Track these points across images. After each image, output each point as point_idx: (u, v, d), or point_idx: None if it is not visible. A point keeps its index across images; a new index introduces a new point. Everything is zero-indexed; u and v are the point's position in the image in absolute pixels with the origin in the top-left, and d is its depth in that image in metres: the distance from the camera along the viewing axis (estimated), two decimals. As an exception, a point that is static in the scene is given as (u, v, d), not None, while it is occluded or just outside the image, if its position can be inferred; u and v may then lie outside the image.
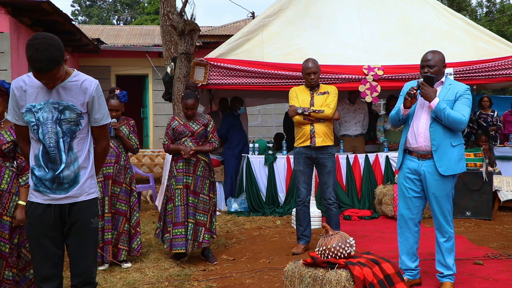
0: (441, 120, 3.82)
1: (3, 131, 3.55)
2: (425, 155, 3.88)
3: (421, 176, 3.91)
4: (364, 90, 7.35)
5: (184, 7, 7.55)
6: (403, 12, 8.19)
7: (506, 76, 7.51)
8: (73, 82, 2.69)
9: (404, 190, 3.99)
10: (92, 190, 2.78)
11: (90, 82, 2.73)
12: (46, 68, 2.50)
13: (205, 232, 4.94)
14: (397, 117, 3.99)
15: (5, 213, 3.52)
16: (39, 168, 2.67)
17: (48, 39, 2.52)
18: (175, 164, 5.00)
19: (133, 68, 13.59)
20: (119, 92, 4.93)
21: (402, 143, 4.01)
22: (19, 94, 2.67)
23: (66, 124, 2.66)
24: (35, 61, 2.48)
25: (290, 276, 3.52)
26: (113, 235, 4.79)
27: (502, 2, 19.71)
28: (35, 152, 2.68)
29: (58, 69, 2.55)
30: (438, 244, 3.94)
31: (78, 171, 2.70)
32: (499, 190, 7.34)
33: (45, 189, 2.67)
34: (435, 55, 3.92)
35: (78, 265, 2.75)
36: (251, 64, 7.41)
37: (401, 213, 4.03)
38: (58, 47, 2.54)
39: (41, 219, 2.68)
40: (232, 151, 7.89)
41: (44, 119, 2.63)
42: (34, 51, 2.48)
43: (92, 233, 2.77)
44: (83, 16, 36.26)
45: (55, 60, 2.51)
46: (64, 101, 2.66)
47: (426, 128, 3.86)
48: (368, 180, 7.53)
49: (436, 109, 3.78)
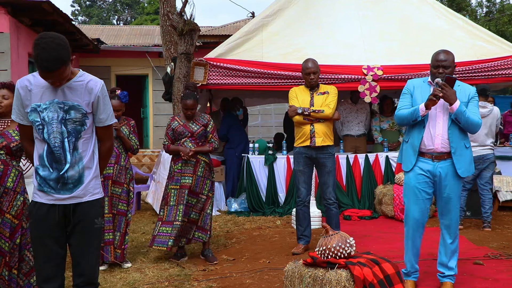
0: (459, 123, 3.77)
1: (11, 130, 3.59)
2: (440, 156, 3.82)
3: (435, 178, 3.84)
4: (363, 90, 7.34)
5: (184, 7, 7.55)
6: (402, 12, 8.19)
7: (506, 76, 7.51)
8: (79, 82, 2.70)
9: (417, 193, 3.87)
10: (97, 191, 2.77)
11: (96, 82, 2.74)
12: (53, 67, 2.50)
13: (196, 230, 4.97)
14: (412, 117, 3.81)
15: (8, 211, 3.53)
16: (43, 168, 2.67)
17: (55, 39, 2.53)
18: (174, 165, 5.01)
19: (133, 68, 13.58)
20: (120, 92, 4.93)
21: (415, 144, 3.85)
22: (24, 93, 2.67)
23: (71, 124, 2.66)
24: (41, 60, 2.49)
25: (290, 276, 3.52)
26: (114, 236, 4.79)
27: (502, 2, 19.71)
28: (40, 152, 2.68)
29: (65, 69, 2.56)
30: (444, 246, 3.92)
31: (82, 171, 2.70)
32: (499, 190, 7.34)
33: (49, 189, 2.67)
34: (449, 56, 3.83)
35: (81, 265, 2.74)
36: (251, 64, 7.40)
37: (414, 217, 3.89)
38: (65, 46, 2.55)
39: (45, 219, 2.68)
40: (234, 151, 7.90)
41: (50, 119, 2.63)
42: (41, 50, 2.48)
43: (95, 233, 2.77)
44: (83, 16, 36.26)
45: (62, 59, 2.52)
46: (69, 101, 2.67)
47: (444, 130, 3.80)
48: (368, 180, 7.53)
49: (457, 112, 3.71)
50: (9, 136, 3.55)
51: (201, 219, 5.00)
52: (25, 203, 3.59)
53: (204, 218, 5.01)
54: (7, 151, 3.54)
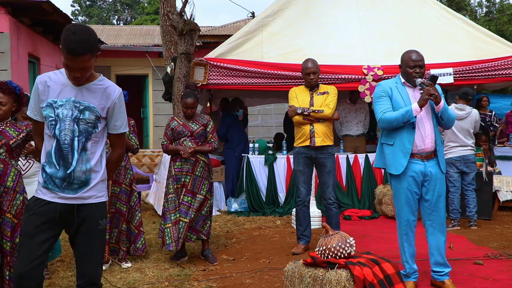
0: (442, 120, 3.84)
1: (8, 128, 3.62)
2: (429, 156, 3.86)
3: (426, 177, 3.86)
4: (363, 90, 7.35)
5: (184, 7, 7.56)
6: (403, 12, 8.20)
7: (506, 76, 7.52)
8: (98, 85, 2.73)
9: (409, 195, 3.87)
10: (101, 194, 2.77)
11: (114, 89, 2.77)
12: (79, 50, 2.52)
13: (191, 232, 4.96)
14: (404, 119, 3.75)
15: (8, 210, 3.55)
16: (50, 166, 2.67)
17: (86, 27, 2.60)
18: (173, 164, 5.00)
19: (133, 68, 13.59)
20: (119, 92, 4.93)
21: (406, 146, 3.80)
22: (43, 88, 2.68)
23: (84, 125, 2.67)
24: (68, 41, 2.51)
25: (290, 276, 3.52)
26: (112, 233, 4.80)
27: (501, 2, 19.70)
28: (48, 149, 2.68)
29: (89, 58, 2.58)
30: (437, 244, 3.92)
31: (89, 174, 2.69)
32: (499, 190, 7.34)
33: (54, 187, 2.66)
34: (422, 56, 3.89)
35: (84, 265, 2.74)
36: (251, 64, 7.41)
37: (407, 219, 3.90)
38: (94, 34, 2.60)
39: (43, 215, 2.66)
40: (233, 151, 7.90)
41: (64, 116, 2.64)
42: (69, 33, 2.52)
43: (99, 234, 2.77)
44: (83, 16, 36.25)
45: (89, 44, 2.54)
46: (86, 101, 2.68)
47: (431, 129, 3.85)
48: (368, 180, 7.53)
49: (443, 109, 3.79)
50: (7, 134, 3.59)
51: (194, 219, 4.96)
52: (24, 202, 3.61)
53: (197, 219, 4.96)
54: (7, 149, 3.56)
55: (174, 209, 4.89)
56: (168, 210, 4.92)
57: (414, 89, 3.91)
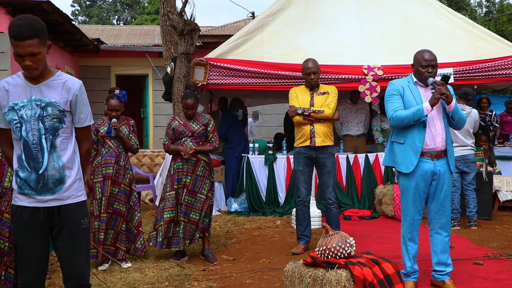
0: (453, 120, 3.85)
1: None
2: (439, 155, 3.86)
3: (435, 176, 3.86)
4: (363, 90, 7.35)
5: (184, 7, 7.56)
6: (403, 12, 8.19)
7: (506, 76, 7.51)
8: (57, 80, 2.70)
9: (417, 194, 3.87)
10: (80, 193, 2.74)
11: (74, 81, 2.73)
12: (24, 32, 2.50)
13: (196, 231, 4.97)
14: (415, 117, 3.75)
15: (6, 210, 3.54)
16: (22, 170, 2.64)
17: (32, 16, 2.57)
18: (174, 164, 5.00)
19: (133, 68, 13.58)
20: (119, 92, 4.94)
21: (416, 145, 3.80)
22: (2, 94, 2.65)
23: (49, 121, 2.64)
24: (13, 26, 2.51)
25: (290, 276, 3.53)
26: (107, 235, 4.79)
27: (501, 2, 19.70)
28: (18, 153, 2.66)
29: (38, 43, 2.54)
30: (441, 244, 3.92)
31: (63, 171, 2.66)
32: (499, 190, 7.34)
33: (30, 191, 2.63)
34: (434, 56, 3.88)
35: (71, 267, 2.70)
36: (251, 64, 7.41)
37: (412, 218, 3.89)
38: (40, 22, 2.57)
39: (29, 223, 2.63)
40: (233, 151, 7.90)
41: (28, 117, 2.62)
42: (15, 21, 2.53)
43: (83, 234, 2.74)
44: (83, 16, 36.25)
45: (34, 28, 2.53)
46: (46, 98, 2.65)
47: (442, 129, 3.84)
48: (368, 180, 7.53)
49: (455, 109, 3.79)
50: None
51: (200, 220, 4.99)
52: None
53: (202, 219, 5.01)
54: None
55: (171, 207, 4.90)
56: (164, 208, 4.93)
57: (426, 89, 3.90)
